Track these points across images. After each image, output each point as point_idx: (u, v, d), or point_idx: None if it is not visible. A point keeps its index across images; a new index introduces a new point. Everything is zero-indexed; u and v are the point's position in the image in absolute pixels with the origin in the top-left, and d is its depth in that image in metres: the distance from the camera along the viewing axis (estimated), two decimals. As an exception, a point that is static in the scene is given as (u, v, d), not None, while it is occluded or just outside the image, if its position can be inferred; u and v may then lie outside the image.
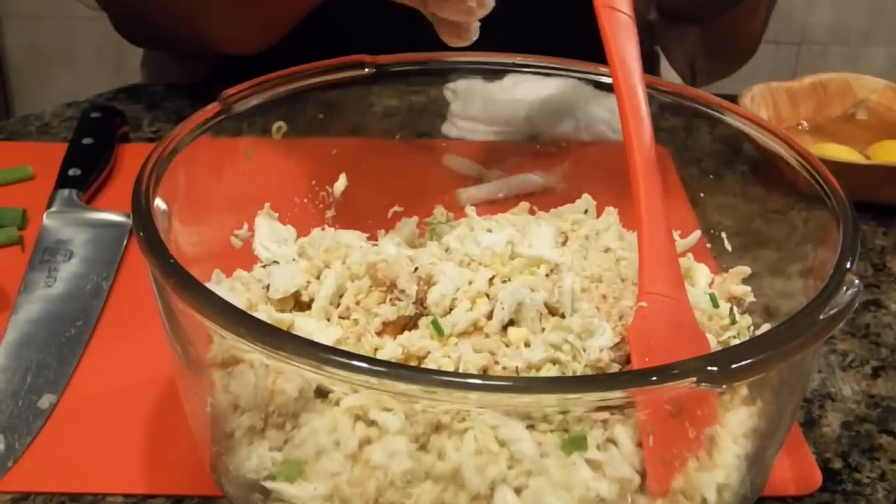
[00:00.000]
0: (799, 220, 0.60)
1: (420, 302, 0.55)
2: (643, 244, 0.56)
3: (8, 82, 2.34)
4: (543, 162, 0.76)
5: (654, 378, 0.43)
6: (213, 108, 0.61)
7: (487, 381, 0.45)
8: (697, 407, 0.50)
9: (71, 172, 0.84)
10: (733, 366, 0.43)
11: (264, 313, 0.56)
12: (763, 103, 0.96)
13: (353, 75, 0.67)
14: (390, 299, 0.55)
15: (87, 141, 0.88)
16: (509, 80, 1.02)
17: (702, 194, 0.69)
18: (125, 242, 0.78)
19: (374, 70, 0.67)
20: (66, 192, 0.82)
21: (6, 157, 0.88)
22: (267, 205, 0.66)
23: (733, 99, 0.91)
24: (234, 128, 0.62)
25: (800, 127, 0.97)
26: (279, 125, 0.66)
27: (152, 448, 0.61)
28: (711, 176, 0.70)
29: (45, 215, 0.80)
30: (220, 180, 0.64)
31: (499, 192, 0.76)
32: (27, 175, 0.86)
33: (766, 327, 0.61)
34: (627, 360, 0.54)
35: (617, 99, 0.60)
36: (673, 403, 0.48)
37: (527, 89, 0.98)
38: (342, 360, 0.43)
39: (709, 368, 0.43)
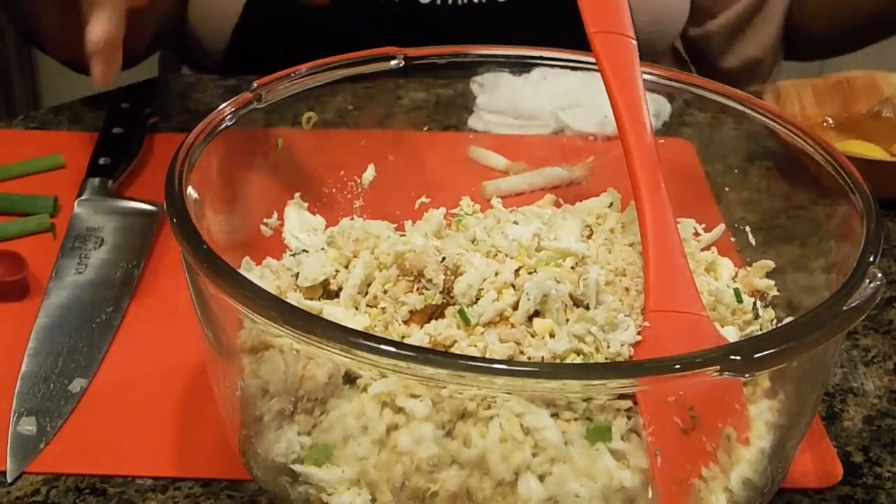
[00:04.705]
0: (823, 215, 0.60)
1: (447, 291, 0.55)
2: (648, 253, 0.57)
3: (37, 74, 2.36)
4: (569, 155, 0.76)
5: (678, 366, 0.43)
6: (244, 98, 0.62)
7: (514, 367, 0.46)
8: (713, 415, 0.50)
9: (101, 161, 0.85)
10: (756, 355, 0.44)
11: (293, 300, 0.57)
12: (788, 100, 0.96)
13: (381, 68, 0.67)
14: (417, 289, 0.56)
15: (117, 130, 0.89)
16: (536, 73, 1.03)
17: (727, 189, 0.70)
18: (154, 230, 0.79)
19: (402, 63, 0.67)
20: (96, 180, 0.83)
21: (38, 146, 0.89)
22: (297, 194, 0.66)
23: (758, 95, 0.91)
24: (265, 118, 0.63)
25: (825, 124, 0.97)
26: (309, 116, 0.66)
27: (181, 432, 0.62)
28: (736, 171, 0.70)
29: (75, 203, 0.81)
30: (251, 169, 0.65)
31: (525, 185, 0.77)
32: (58, 164, 0.87)
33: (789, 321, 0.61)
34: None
35: (616, 122, 0.61)
36: (685, 418, 0.48)
37: (554, 83, 0.99)
38: (371, 344, 0.43)
39: (732, 357, 0.43)
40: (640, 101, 0.61)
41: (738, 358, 0.43)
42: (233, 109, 0.61)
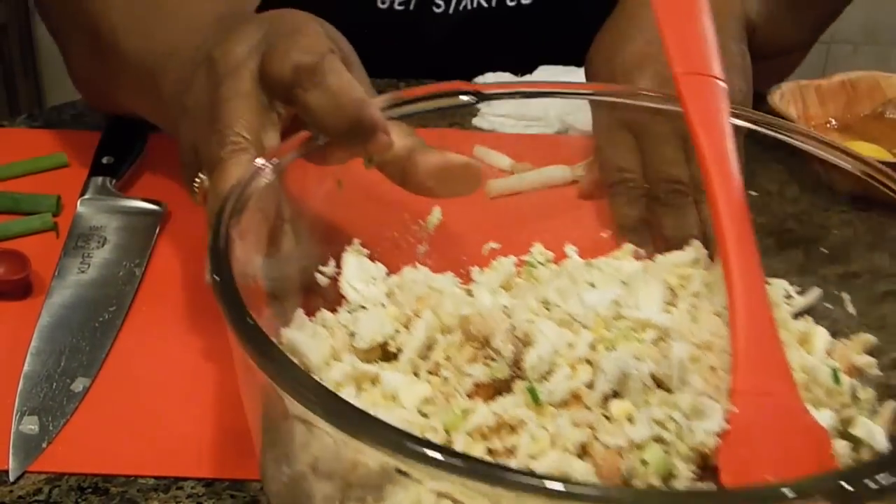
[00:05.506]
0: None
1: (515, 363, 0.51)
2: (736, 326, 0.52)
3: (40, 73, 2.36)
4: (574, 155, 0.76)
5: (777, 498, 0.38)
6: (303, 136, 0.59)
7: (573, 489, 0.40)
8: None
9: (105, 160, 0.85)
10: (875, 486, 0.38)
11: (348, 363, 0.54)
12: (792, 101, 0.96)
13: (452, 103, 0.64)
14: (483, 357, 0.52)
15: (120, 130, 0.89)
16: (540, 73, 1.03)
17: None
18: (157, 230, 0.79)
19: (474, 98, 0.64)
20: (99, 179, 0.83)
21: (41, 145, 0.89)
22: (356, 241, 0.62)
23: (762, 96, 0.91)
24: (323, 149, 0.60)
25: (828, 125, 0.97)
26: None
27: (184, 431, 0.61)
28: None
29: (79, 202, 0.81)
30: (308, 212, 0.61)
31: (529, 184, 0.77)
32: (62, 162, 0.87)
33: (891, 405, 0.55)
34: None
35: (703, 173, 0.57)
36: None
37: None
38: (418, 448, 0.40)
39: (844, 487, 0.38)
40: (728, 151, 0.57)
41: (852, 490, 0.38)
42: (292, 147, 0.58)
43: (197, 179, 0.61)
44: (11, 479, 0.58)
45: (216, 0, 0.76)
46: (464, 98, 0.64)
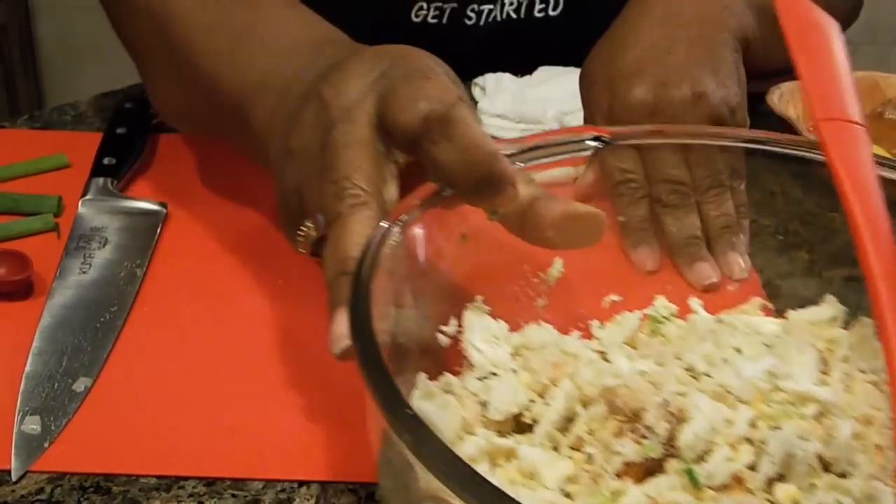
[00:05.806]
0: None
1: (668, 441, 0.47)
2: None
3: (40, 74, 2.36)
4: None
5: None
6: (429, 188, 0.55)
7: None
8: None
9: (106, 161, 0.85)
10: None
11: (482, 437, 0.50)
12: (791, 101, 0.96)
13: (577, 148, 0.62)
14: (630, 433, 0.48)
15: (121, 130, 0.89)
16: (539, 74, 1.03)
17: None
18: (158, 230, 0.79)
19: (603, 143, 0.62)
20: (100, 180, 0.83)
21: (43, 146, 0.90)
22: (479, 298, 0.57)
23: (761, 97, 0.91)
24: (447, 202, 0.56)
25: (828, 125, 0.97)
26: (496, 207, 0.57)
27: (185, 430, 0.62)
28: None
29: (80, 203, 0.81)
30: (429, 267, 0.57)
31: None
32: (63, 163, 0.88)
33: None
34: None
35: (851, 226, 0.52)
36: None
37: (556, 85, 0.99)
38: None
39: None
40: (874, 198, 0.53)
41: None
42: (416, 202, 0.54)
43: (303, 228, 0.57)
44: (14, 478, 0.58)
45: (310, 25, 0.72)
46: (591, 143, 0.62)
